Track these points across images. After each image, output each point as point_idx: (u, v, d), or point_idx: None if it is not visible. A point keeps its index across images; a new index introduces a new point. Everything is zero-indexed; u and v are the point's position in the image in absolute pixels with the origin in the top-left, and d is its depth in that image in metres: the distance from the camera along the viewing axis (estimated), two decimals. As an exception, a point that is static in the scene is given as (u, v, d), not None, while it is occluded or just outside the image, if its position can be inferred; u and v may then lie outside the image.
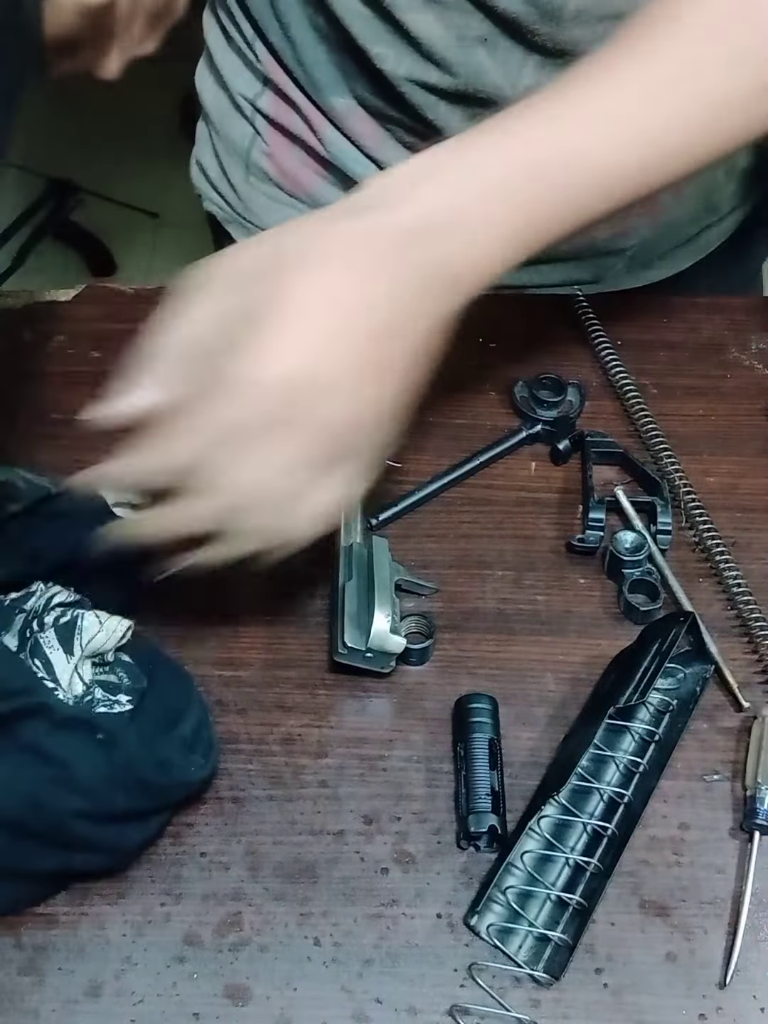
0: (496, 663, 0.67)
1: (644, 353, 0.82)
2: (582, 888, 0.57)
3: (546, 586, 0.70)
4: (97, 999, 0.55)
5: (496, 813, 0.59)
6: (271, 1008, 0.55)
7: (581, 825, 0.60)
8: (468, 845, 0.59)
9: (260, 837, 0.60)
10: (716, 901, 0.58)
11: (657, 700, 0.64)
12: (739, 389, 0.81)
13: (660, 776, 0.61)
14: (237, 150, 0.89)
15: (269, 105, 0.85)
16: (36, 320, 0.84)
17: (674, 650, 0.62)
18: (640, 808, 0.60)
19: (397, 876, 0.59)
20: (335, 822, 0.61)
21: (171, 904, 0.58)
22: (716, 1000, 0.56)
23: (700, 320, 0.85)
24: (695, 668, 0.65)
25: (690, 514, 0.72)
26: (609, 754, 0.62)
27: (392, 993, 0.56)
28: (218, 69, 0.88)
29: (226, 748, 0.63)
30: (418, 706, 0.65)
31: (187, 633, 0.68)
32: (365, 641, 0.62)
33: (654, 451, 0.76)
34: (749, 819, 0.60)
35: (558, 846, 0.59)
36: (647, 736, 0.63)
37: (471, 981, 0.56)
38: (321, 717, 0.64)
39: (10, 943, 0.57)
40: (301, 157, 0.86)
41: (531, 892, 0.58)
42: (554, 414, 0.77)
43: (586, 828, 0.60)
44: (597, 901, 0.57)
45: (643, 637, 0.65)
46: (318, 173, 0.87)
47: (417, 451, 0.77)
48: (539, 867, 0.58)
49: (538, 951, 0.56)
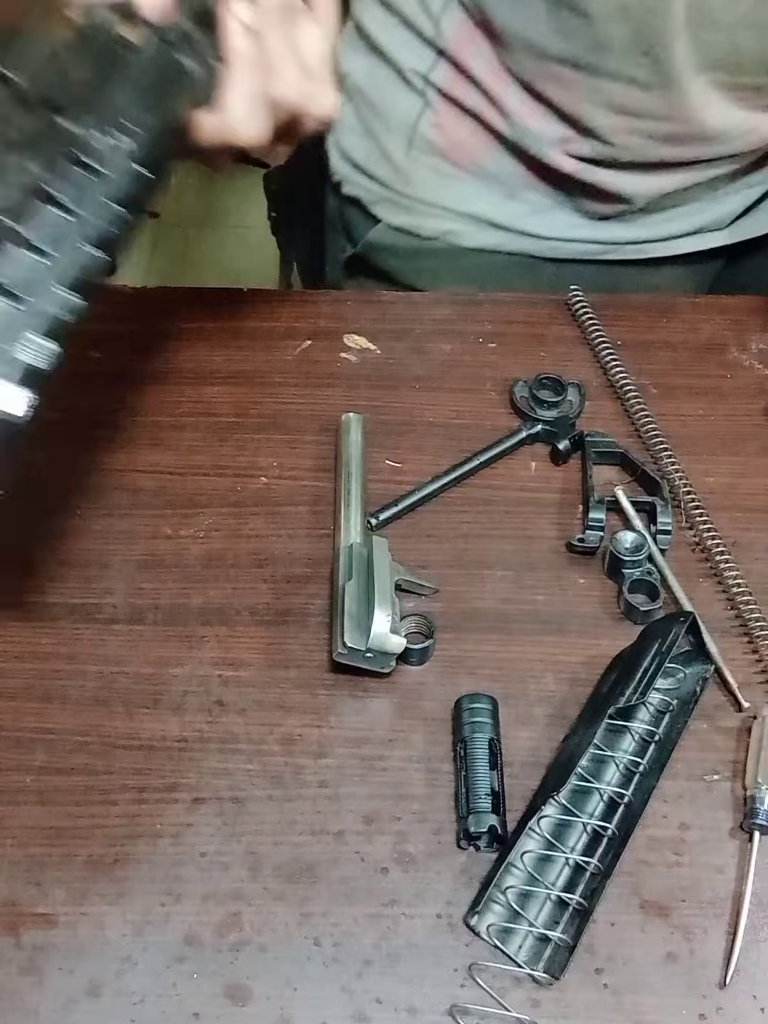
0: (496, 663, 0.67)
1: (644, 353, 0.82)
2: (582, 888, 0.57)
3: (546, 586, 0.70)
4: (97, 999, 0.55)
5: (496, 813, 0.59)
6: (271, 1008, 0.55)
7: (581, 825, 0.60)
8: (468, 845, 0.60)
9: (260, 837, 0.60)
10: (716, 901, 0.58)
11: (657, 700, 0.64)
12: (739, 389, 0.81)
13: (660, 776, 0.61)
14: (401, 125, 0.91)
15: (443, 77, 0.87)
16: (36, 320, 0.84)
17: (674, 650, 0.62)
18: (640, 808, 0.60)
19: (397, 876, 0.59)
20: (335, 822, 0.61)
21: (171, 904, 0.58)
22: (716, 1000, 0.56)
23: (700, 320, 0.85)
24: (695, 668, 0.65)
25: (690, 514, 0.72)
26: (609, 754, 0.62)
27: (392, 993, 0.56)
28: (377, 46, 0.89)
29: (226, 748, 0.63)
30: (418, 706, 0.65)
31: (188, 632, 0.68)
32: (365, 641, 0.62)
33: (654, 451, 0.76)
34: (749, 819, 0.60)
35: (558, 846, 0.59)
36: (647, 736, 0.63)
37: (471, 981, 0.56)
38: (321, 717, 0.64)
39: (10, 943, 0.57)
40: (471, 128, 0.88)
41: (531, 892, 0.58)
42: (554, 414, 0.77)
43: (586, 828, 0.60)
44: (597, 901, 0.57)
45: (643, 636, 0.65)
46: (489, 144, 0.88)
47: (417, 451, 0.77)
48: (539, 867, 0.58)
49: (538, 951, 0.56)
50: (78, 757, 0.63)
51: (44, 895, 0.58)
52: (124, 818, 0.61)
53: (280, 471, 0.76)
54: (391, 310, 0.85)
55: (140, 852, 0.59)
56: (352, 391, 0.80)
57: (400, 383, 0.81)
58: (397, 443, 0.77)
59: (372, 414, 0.78)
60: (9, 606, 0.69)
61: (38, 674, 0.66)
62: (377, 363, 0.82)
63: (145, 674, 0.66)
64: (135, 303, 0.86)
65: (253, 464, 0.76)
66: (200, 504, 0.74)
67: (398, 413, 0.79)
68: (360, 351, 0.83)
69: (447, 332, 0.84)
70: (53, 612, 0.69)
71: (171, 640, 0.68)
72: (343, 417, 0.76)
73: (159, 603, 0.69)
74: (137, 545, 0.72)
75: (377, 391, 0.80)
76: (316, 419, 0.78)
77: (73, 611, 0.69)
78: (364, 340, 0.83)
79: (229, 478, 0.75)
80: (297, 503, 0.74)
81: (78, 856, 0.59)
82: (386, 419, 0.78)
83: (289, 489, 0.75)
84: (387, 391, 0.80)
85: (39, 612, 0.69)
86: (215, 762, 0.63)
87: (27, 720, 0.64)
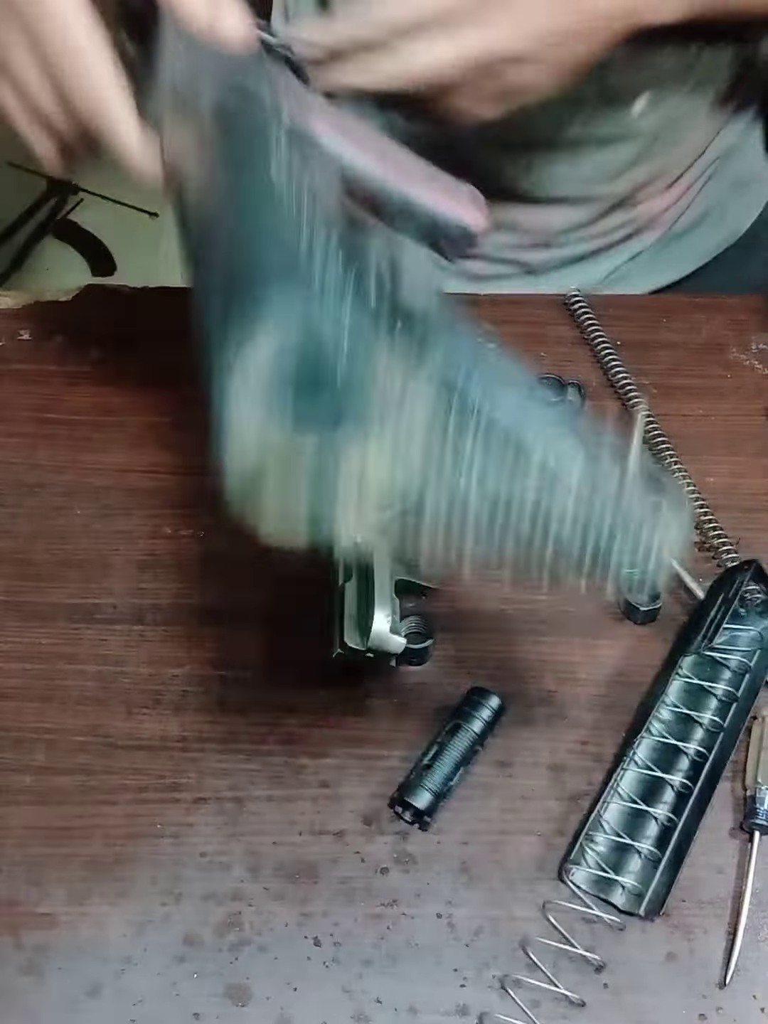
0: (496, 663, 0.67)
1: (644, 353, 0.82)
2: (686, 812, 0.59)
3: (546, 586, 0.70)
4: (97, 999, 0.55)
5: (436, 799, 0.59)
6: (271, 1008, 0.55)
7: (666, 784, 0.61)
8: (394, 807, 0.60)
9: (260, 837, 0.60)
10: (716, 901, 0.58)
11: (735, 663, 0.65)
12: (739, 389, 0.81)
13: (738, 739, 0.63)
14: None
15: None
16: (36, 320, 0.85)
17: (738, 603, 0.64)
18: (721, 767, 0.61)
19: (397, 876, 0.59)
20: (335, 822, 0.61)
21: (171, 904, 0.58)
22: (716, 1000, 0.56)
23: (700, 320, 0.85)
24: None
25: (694, 514, 0.72)
26: (687, 712, 0.63)
27: (392, 993, 0.56)
28: None
29: (226, 748, 0.63)
30: (418, 706, 0.65)
31: (188, 632, 0.68)
32: (365, 641, 0.62)
33: (654, 451, 0.76)
34: (749, 819, 0.60)
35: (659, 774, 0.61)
36: (726, 697, 0.64)
37: (472, 979, 0.56)
38: (321, 717, 0.64)
39: (10, 943, 0.57)
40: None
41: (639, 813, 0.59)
42: (554, 414, 0.77)
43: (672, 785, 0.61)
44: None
45: (709, 593, 0.67)
46: None
47: (417, 451, 0.77)
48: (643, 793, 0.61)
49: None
50: (78, 757, 0.63)
51: (44, 895, 0.58)
52: (124, 818, 0.61)
53: (280, 471, 0.76)
54: (391, 310, 0.85)
55: (140, 852, 0.59)
56: (352, 391, 0.80)
57: (400, 383, 0.81)
58: (397, 443, 0.77)
59: (372, 414, 0.77)
60: (9, 606, 0.69)
61: (38, 674, 0.66)
62: (377, 363, 0.82)
63: (145, 674, 0.66)
64: (135, 303, 0.86)
65: (253, 464, 0.76)
66: (200, 504, 0.74)
67: (398, 413, 0.79)
68: (360, 351, 0.83)
69: (447, 332, 0.84)
70: (53, 612, 0.69)
71: (171, 640, 0.68)
72: (343, 417, 0.76)
73: (159, 603, 0.69)
74: (137, 545, 0.72)
75: (377, 391, 0.80)
76: (316, 419, 0.78)
77: (73, 611, 0.69)
78: (364, 340, 0.83)
79: (229, 478, 0.75)
80: (297, 503, 0.74)
81: (78, 856, 0.59)
82: (386, 419, 0.78)
83: (289, 489, 0.75)
84: (387, 391, 0.80)
85: (39, 612, 0.69)
86: (215, 762, 0.63)
87: (27, 720, 0.64)
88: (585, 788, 0.62)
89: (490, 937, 0.57)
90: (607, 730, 0.64)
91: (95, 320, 0.85)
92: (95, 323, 0.84)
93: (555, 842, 0.60)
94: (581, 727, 0.64)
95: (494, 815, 0.61)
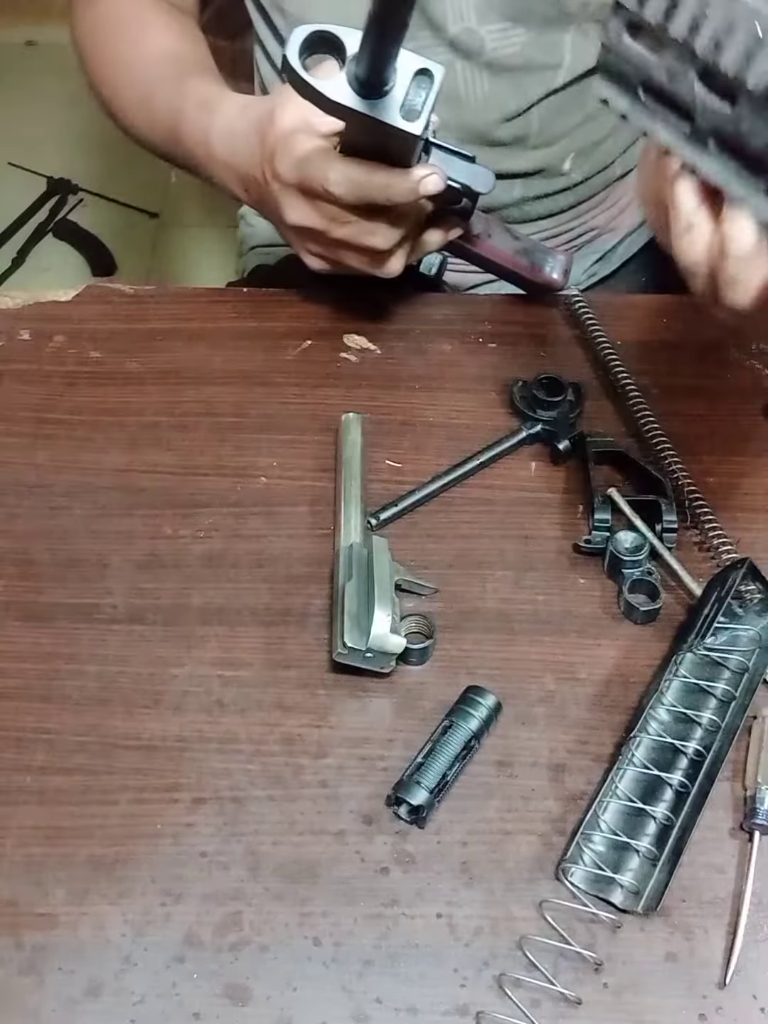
0: (496, 663, 0.67)
1: (644, 353, 0.82)
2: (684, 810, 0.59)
3: (546, 586, 0.70)
4: (97, 999, 0.55)
5: (431, 794, 0.59)
6: (271, 1008, 0.55)
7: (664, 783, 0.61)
8: (391, 806, 0.60)
9: (260, 837, 0.60)
10: (716, 901, 0.58)
11: (735, 663, 0.65)
12: (739, 389, 0.81)
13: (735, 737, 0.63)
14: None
15: None
16: (36, 320, 0.85)
17: (736, 603, 0.65)
18: (719, 766, 0.61)
19: (397, 876, 0.59)
20: (335, 822, 0.61)
21: (171, 904, 0.58)
22: (716, 1000, 0.56)
23: (700, 320, 0.85)
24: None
25: (695, 514, 0.72)
26: (684, 711, 0.63)
27: (392, 993, 0.56)
28: None
29: (226, 748, 0.63)
30: (418, 706, 0.65)
31: (188, 632, 0.68)
32: (365, 641, 0.62)
33: (655, 451, 0.76)
34: (749, 819, 0.60)
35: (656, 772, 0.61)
36: (724, 697, 0.64)
37: (471, 979, 0.56)
38: (321, 717, 0.64)
39: (10, 943, 0.57)
40: None
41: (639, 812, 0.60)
42: (554, 414, 0.77)
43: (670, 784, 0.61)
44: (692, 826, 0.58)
45: (706, 589, 0.67)
46: None
47: (417, 451, 0.77)
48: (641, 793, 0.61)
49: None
50: (78, 757, 0.63)
51: (44, 895, 0.58)
52: (124, 818, 0.61)
53: (280, 471, 0.76)
54: (391, 310, 0.85)
55: (140, 852, 0.59)
56: (352, 391, 0.80)
57: (400, 383, 0.81)
58: (397, 443, 0.77)
59: (372, 414, 0.78)
60: (9, 606, 0.69)
61: (38, 674, 0.66)
62: (377, 363, 0.82)
63: (145, 674, 0.66)
64: (135, 303, 0.86)
65: (253, 464, 0.76)
66: (200, 504, 0.74)
67: (398, 413, 0.79)
68: (360, 351, 0.83)
69: (447, 332, 0.84)
70: (53, 612, 0.69)
71: (171, 640, 0.68)
72: (343, 417, 0.76)
73: (159, 603, 0.69)
74: (137, 545, 0.72)
75: (377, 391, 0.80)
76: (316, 419, 0.78)
77: (73, 611, 0.69)
78: (364, 340, 0.83)
79: (229, 478, 0.75)
80: (297, 503, 0.74)
81: (78, 856, 0.59)
82: (386, 419, 0.78)
83: (289, 489, 0.75)
84: (387, 391, 0.80)
85: (39, 612, 0.69)
86: (215, 762, 0.63)
87: (27, 720, 0.64)
88: (584, 788, 0.62)
89: (489, 937, 0.57)
90: (606, 730, 0.64)
91: (95, 320, 0.85)
92: (95, 323, 0.84)
93: (554, 841, 0.60)
94: (580, 727, 0.64)
95: (493, 815, 0.61)
